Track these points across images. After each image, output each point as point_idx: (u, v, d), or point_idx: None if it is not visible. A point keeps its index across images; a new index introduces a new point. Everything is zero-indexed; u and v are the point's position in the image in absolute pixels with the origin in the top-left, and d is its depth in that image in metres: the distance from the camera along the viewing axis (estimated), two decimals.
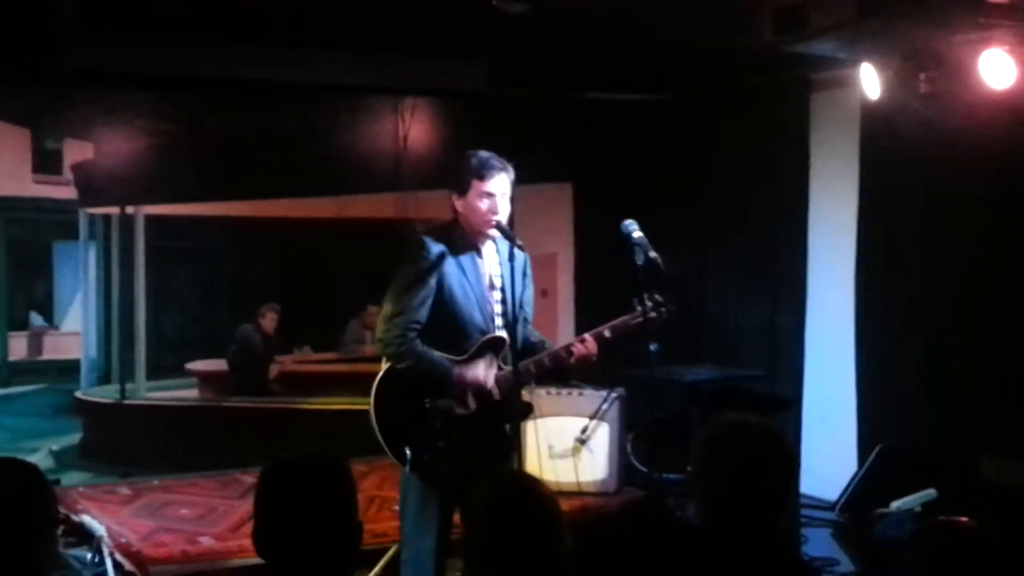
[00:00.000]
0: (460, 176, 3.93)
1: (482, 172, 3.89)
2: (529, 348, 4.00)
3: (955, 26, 4.81)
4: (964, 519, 2.16)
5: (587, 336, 3.95)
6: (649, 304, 3.93)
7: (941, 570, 2.08)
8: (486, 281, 3.98)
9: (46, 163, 9.52)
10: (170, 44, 5.98)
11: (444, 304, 3.88)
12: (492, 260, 4.01)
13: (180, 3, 5.27)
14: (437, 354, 3.86)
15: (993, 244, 5.52)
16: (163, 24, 5.68)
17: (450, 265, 3.90)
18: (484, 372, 3.89)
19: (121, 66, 6.13)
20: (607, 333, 3.96)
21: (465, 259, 3.94)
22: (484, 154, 3.94)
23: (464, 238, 3.96)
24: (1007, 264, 5.46)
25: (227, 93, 7.43)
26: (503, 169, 3.92)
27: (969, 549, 2.11)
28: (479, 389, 3.87)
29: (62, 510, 3.15)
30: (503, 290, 3.96)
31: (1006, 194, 5.40)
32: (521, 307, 3.95)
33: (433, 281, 3.86)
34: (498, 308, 3.97)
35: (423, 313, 3.86)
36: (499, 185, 3.90)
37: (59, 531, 2.41)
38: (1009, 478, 5.02)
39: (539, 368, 3.94)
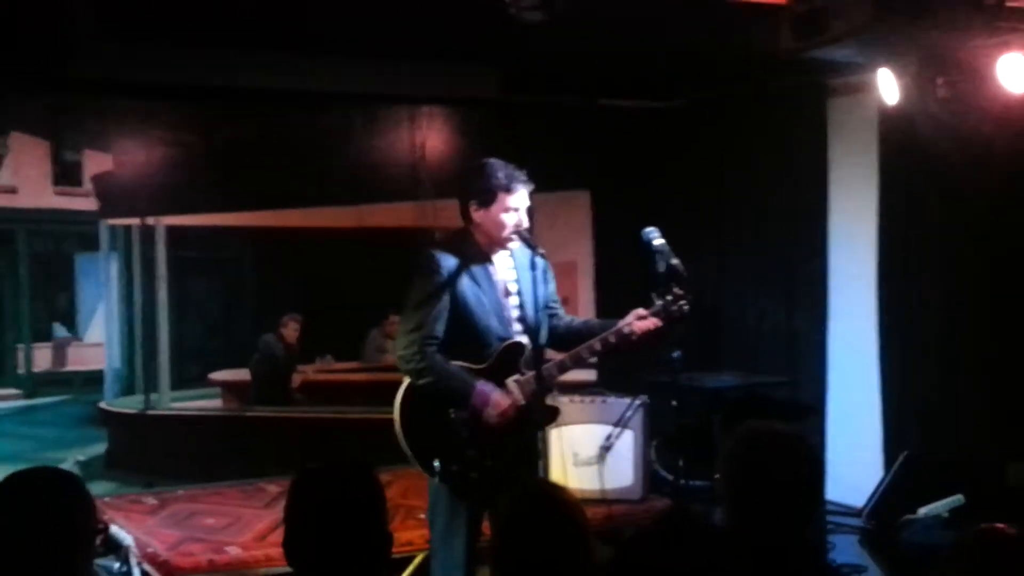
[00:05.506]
0: (484, 187, 3.89)
1: (510, 186, 3.87)
2: (576, 332, 4.03)
3: (973, 30, 4.80)
4: (1006, 526, 2.14)
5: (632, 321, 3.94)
6: (669, 299, 3.94)
7: None
8: (501, 288, 3.97)
9: (66, 175, 9.56)
10: (186, 53, 5.99)
11: (460, 315, 3.88)
12: (506, 266, 4.01)
13: (196, 12, 5.29)
14: (458, 370, 3.85)
15: (1015, 247, 5.50)
16: (178, 33, 5.70)
17: (463, 275, 3.89)
18: (504, 396, 3.86)
19: (137, 76, 6.15)
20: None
21: (477, 268, 3.93)
22: (507, 166, 3.92)
23: (477, 247, 3.95)
24: None
25: (245, 103, 7.44)
26: (527, 183, 3.93)
27: (1014, 557, 2.10)
28: (500, 413, 3.86)
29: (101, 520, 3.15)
30: (520, 295, 3.97)
31: None
32: (546, 306, 3.97)
33: (446, 295, 3.86)
34: (515, 313, 3.98)
35: (439, 328, 3.85)
36: (524, 199, 3.91)
37: (98, 542, 2.42)
38: None
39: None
